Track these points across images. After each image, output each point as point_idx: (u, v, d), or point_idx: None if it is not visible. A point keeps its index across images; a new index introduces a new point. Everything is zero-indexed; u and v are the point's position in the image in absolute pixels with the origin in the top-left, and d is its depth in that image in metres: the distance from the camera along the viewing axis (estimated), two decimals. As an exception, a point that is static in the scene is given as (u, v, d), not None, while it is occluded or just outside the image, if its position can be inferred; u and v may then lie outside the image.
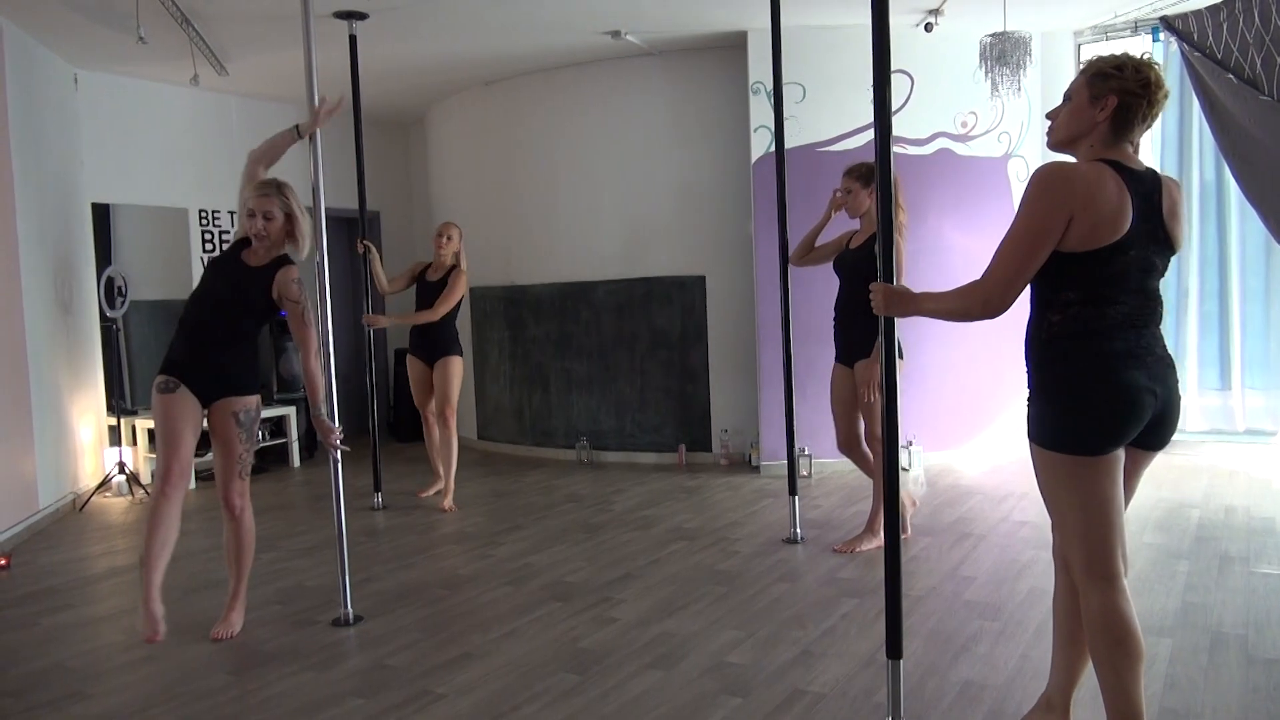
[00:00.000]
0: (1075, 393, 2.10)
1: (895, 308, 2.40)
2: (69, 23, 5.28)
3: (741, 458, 6.53)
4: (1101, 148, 2.11)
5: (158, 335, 6.96)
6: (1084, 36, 6.37)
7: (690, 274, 6.59)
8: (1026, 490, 5.35)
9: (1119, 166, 2.07)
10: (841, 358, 4.30)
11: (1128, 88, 2.06)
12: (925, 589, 3.71)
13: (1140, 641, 2.09)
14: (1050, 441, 2.13)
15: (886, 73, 2.45)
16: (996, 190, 6.25)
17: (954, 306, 2.23)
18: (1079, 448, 2.08)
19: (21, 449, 5.09)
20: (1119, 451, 2.10)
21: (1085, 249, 2.04)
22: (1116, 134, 2.10)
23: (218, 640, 3.41)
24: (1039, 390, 2.17)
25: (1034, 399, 2.19)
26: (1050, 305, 2.12)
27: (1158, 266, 2.12)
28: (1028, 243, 2.06)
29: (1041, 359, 2.16)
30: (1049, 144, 2.22)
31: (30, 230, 5.33)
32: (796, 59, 5.62)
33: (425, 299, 5.53)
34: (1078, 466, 2.09)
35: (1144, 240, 2.06)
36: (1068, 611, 2.34)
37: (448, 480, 5.55)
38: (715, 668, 3.03)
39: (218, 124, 7.18)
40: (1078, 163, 2.11)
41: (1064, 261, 2.06)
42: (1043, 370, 2.16)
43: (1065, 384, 2.11)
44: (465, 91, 7.42)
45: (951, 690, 2.79)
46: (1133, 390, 2.06)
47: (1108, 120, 2.09)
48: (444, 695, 2.89)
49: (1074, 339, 2.09)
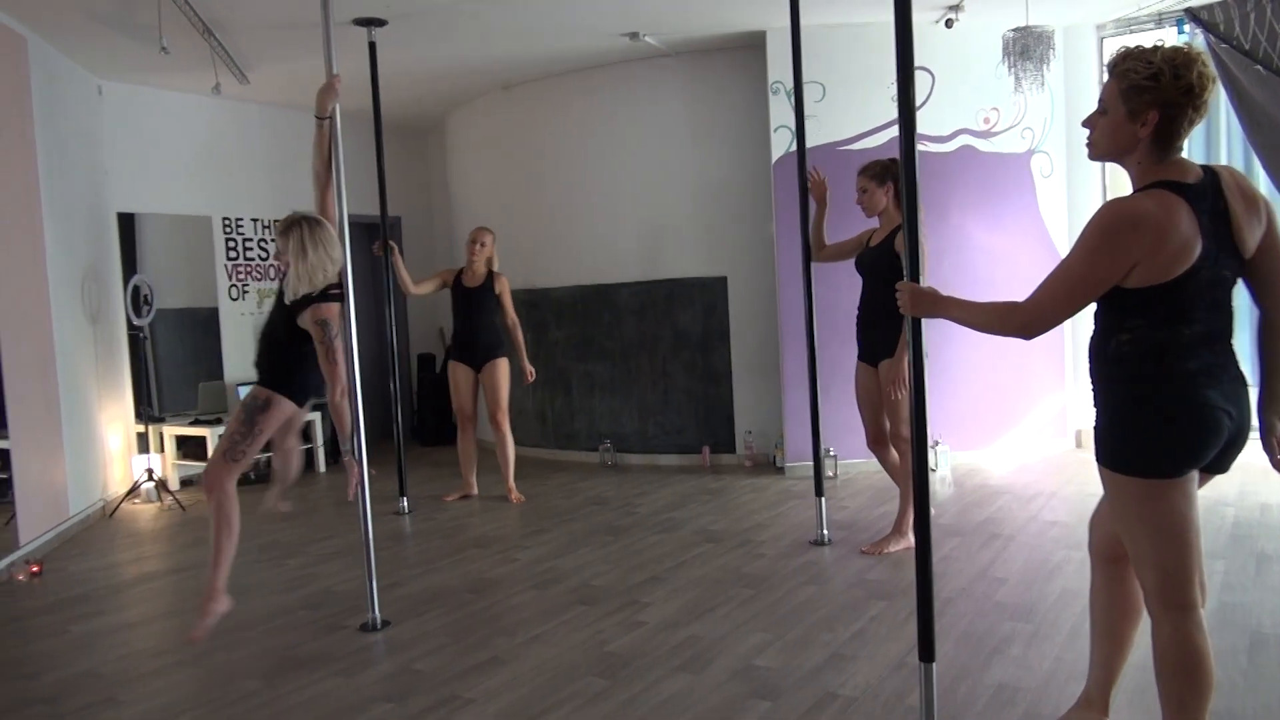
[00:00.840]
0: (1148, 413, 1.96)
1: (922, 309, 2.32)
2: (93, 34, 5.33)
3: (766, 459, 6.50)
4: (1150, 164, 1.96)
5: (183, 342, 7.02)
6: (1107, 30, 6.30)
7: (712, 275, 6.57)
8: (1056, 490, 5.29)
9: (1178, 187, 1.90)
10: (864, 356, 4.27)
11: (1168, 99, 1.90)
12: (955, 590, 3.68)
13: (1212, 675, 1.99)
14: (1122, 464, 2.00)
15: (910, 70, 2.42)
16: (1020, 187, 6.19)
17: (988, 322, 2.12)
18: (1153, 470, 1.96)
19: (52, 457, 5.14)
20: (1194, 473, 1.98)
21: (1151, 284, 1.90)
22: (1164, 147, 1.95)
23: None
24: (1107, 410, 2.04)
25: (1102, 419, 2.06)
26: (1118, 326, 1.99)
27: (1229, 279, 1.97)
28: (1083, 286, 1.95)
29: (1110, 377, 2.02)
30: (1090, 157, 2.10)
31: (58, 241, 5.38)
32: (816, 58, 5.60)
33: (465, 306, 5.61)
34: (1152, 489, 1.96)
35: (1213, 258, 1.91)
36: (1104, 606, 2.30)
37: (508, 478, 5.74)
38: (744, 671, 3.01)
39: (240, 132, 7.24)
40: (1146, 203, 1.90)
41: (1128, 294, 1.93)
42: (1111, 389, 2.02)
43: (1137, 404, 1.98)
44: (484, 96, 7.44)
45: (985, 693, 2.76)
46: (1210, 410, 1.93)
47: (1151, 135, 1.93)
48: (472, 700, 2.88)
49: (1145, 359, 1.95)
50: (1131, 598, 2.28)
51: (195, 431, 6.48)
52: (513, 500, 5.71)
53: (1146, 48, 1.96)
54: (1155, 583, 2.00)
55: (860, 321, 4.28)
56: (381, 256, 5.51)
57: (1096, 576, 2.32)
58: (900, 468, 4.26)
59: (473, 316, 5.66)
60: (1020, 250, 6.14)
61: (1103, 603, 2.30)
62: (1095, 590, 2.33)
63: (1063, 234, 6.27)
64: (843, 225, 4.67)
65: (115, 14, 5.00)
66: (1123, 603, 2.29)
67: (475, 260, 5.61)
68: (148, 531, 5.42)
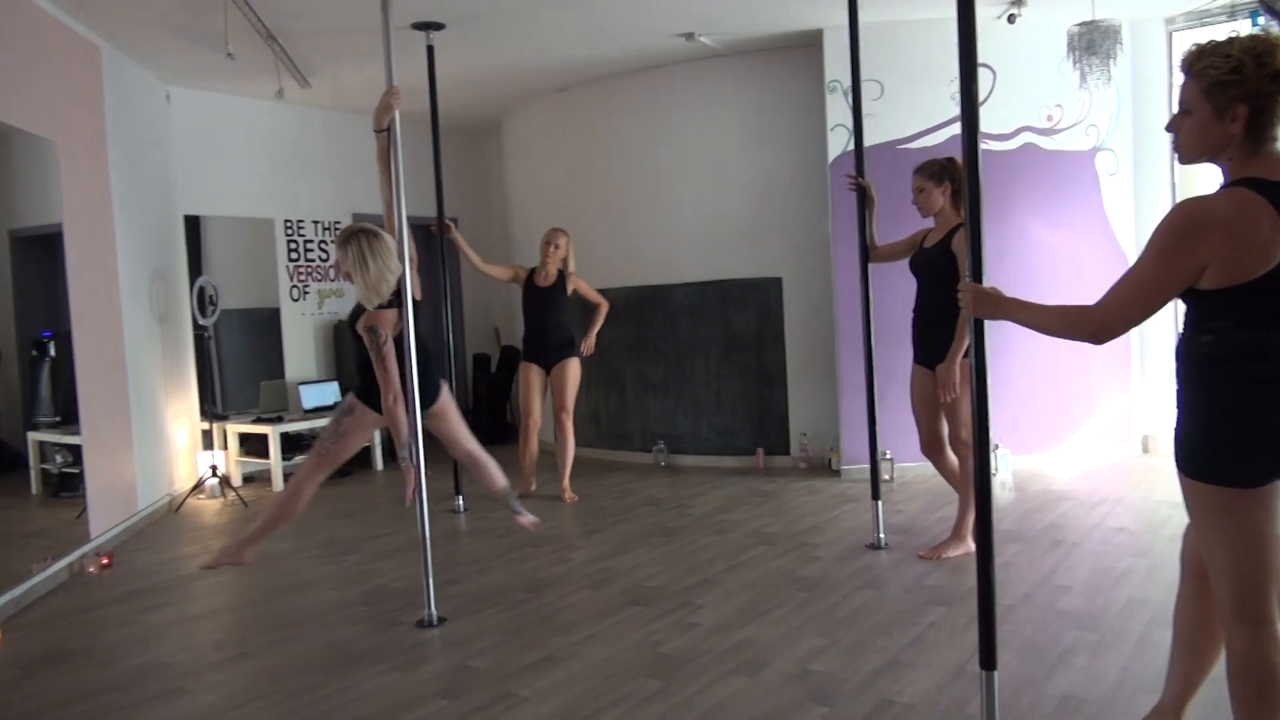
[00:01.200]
0: (1229, 419, 1.90)
1: (985, 309, 2.27)
2: (163, 42, 5.48)
3: (821, 461, 6.44)
4: (1242, 160, 1.89)
5: (246, 342, 7.18)
6: (1176, 23, 6.12)
7: (766, 276, 6.53)
8: (1121, 496, 5.16)
9: (1261, 185, 1.83)
10: (920, 358, 4.21)
11: (1255, 89, 1.83)
12: (1017, 597, 3.60)
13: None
14: (1199, 471, 1.94)
15: (973, 66, 2.38)
16: (1084, 185, 6.05)
17: (1056, 326, 2.06)
18: (1231, 479, 1.90)
19: (122, 453, 5.29)
20: (1276, 485, 1.90)
21: (1228, 285, 1.84)
22: (1256, 141, 1.87)
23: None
24: (1189, 413, 1.98)
25: (1181, 423, 2.00)
26: (1200, 327, 1.93)
27: None
28: (1154, 289, 1.89)
29: (1193, 379, 1.96)
30: (1181, 161, 2.02)
31: (128, 243, 5.54)
32: (874, 56, 5.53)
33: (537, 305, 5.71)
34: (1230, 499, 1.90)
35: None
36: (1189, 617, 2.22)
37: (564, 477, 5.81)
38: (799, 675, 2.98)
39: (301, 136, 7.38)
40: (1219, 202, 1.85)
41: (1207, 295, 1.88)
42: (1194, 391, 1.96)
43: (1218, 409, 1.92)
44: (540, 98, 7.49)
45: (1049, 703, 2.70)
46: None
47: (1243, 130, 1.86)
48: (527, 698, 2.90)
49: (1228, 362, 1.89)
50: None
51: (257, 429, 6.63)
52: (566, 500, 5.73)
53: (1221, 41, 1.89)
54: (1230, 595, 1.94)
55: (916, 323, 4.21)
56: (439, 236, 5.54)
57: (1184, 587, 2.25)
58: (960, 472, 4.18)
59: (544, 316, 5.71)
60: (1084, 251, 6.00)
61: (1187, 615, 2.23)
62: (1181, 601, 2.26)
63: (1129, 234, 6.11)
64: (900, 225, 4.61)
65: (184, 22, 5.13)
66: (1207, 618, 2.21)
67: (549, 261, 5.67)
68: (211, 526, 5.55)
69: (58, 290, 4.70)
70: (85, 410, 4.77)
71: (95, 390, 4.93)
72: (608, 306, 5.88)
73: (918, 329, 4.20)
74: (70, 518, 4.73)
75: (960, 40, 2.39)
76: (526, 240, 7.71)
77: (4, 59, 4.20)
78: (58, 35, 4.82)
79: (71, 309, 4.70)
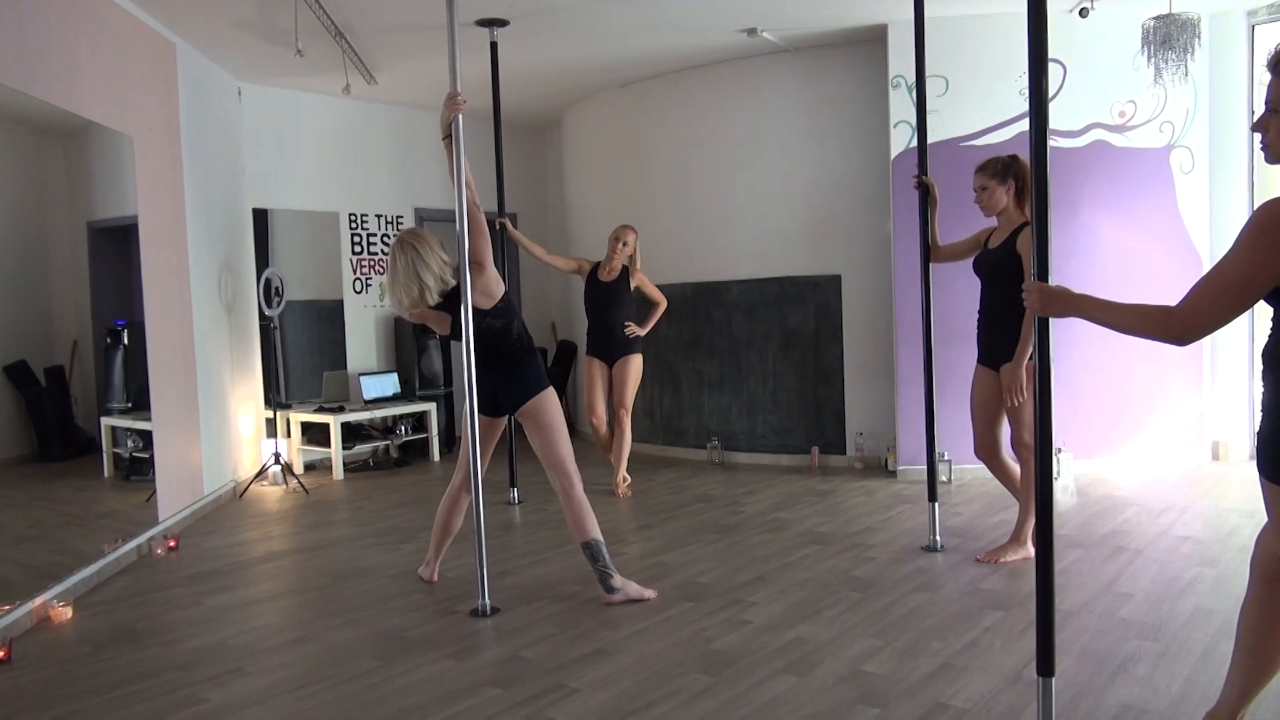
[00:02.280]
0: None
1: (1053, 308, 2.21)
2: (235, 39, 5.62)
3: (877, 462, 6.36)
4: None
5: (310, 333, 7.34)
6: (1259, 16, 5.91)
7: (825, 273, 6.47)
8: (1189, 504, 5.01)
9: None
10: (984, 359, 4.13)
11: None
12: (1077, 604, 3.52)
13: None
14: (1276, 474, 1.90)
15: (1043, 62, 2.33)
16: (1158, 183, 5.88)
17: (1135, 325, 2.00)
18: None
19: (189, 439, 5.45)
20: None
21: None
22: None
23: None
24: (1270, 417, 1.93)
25: (1265, 426, 1.95)
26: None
27: None
28: (1237, 290, 1.85)
29: (1276, 383, 1.93)
30: (1267, 160, 1.97)
31: (199, 235, 5.70)
32: (939, 51, 5.45)
33: (601, 300, 5.74)
34: None
35: None
36: (1255, 623, 2.15)
37: (619, 471, 5.82)
38: (851, 676, 2.95)
39: (367, 131, 7.51)
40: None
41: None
42: (1277, 396, 1.93)
43: None
44: (600, 94, 7.51)
45: (1107, 713, 2.63)
46: None
47: None
48: (577, 690, 2.92)
49: None
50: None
51: (319, 418, 6.77)
52: (619, 495, 5.75)
53: None
54: None
55: (981, 324, 4.13)
56: (499, 233, 5.60)
57: (1252, 592, 2.19)
58: (1021, 476, 4.10)
59: (608, 312, 5.74)
60: (1157, 251, 5.83)
61: (1253, 620, 2.17)
62: (1247, 606, 2.20)
63: (1203, 234, 5.92)
64: (964, 225, 4.53)
65: (255, 19, 5.26)
66: (1274, 625, 2.15)
67: (615, 257, 5.69)
68: (274, 513, 5.68)
69: (131, 280, 4.86)
70: (156, 397, 4.92)
71: (165, 378, 5.08)
72: (665, 305, 5.88)
73: (983, 330, 4.13)
74: (140, 501, 4.89)
75: (1030, 34, 2.34)
76: (585, 235, 7.76)
77: (86, 56, 4.35)
78: (136, 33, 4.97)
79: (144, 299, 4.86)
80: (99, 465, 4.72)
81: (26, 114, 4.05)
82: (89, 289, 4.57)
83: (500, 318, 3.71)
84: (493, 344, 3.72)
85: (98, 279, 4.65)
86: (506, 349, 3.74)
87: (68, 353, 4.38)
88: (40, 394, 4.21)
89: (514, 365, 3.76)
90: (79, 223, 4.58)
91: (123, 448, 4.89)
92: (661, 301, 5.84)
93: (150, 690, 3.02)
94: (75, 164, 4.55)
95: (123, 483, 4.93)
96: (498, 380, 3.77)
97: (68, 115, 4.21)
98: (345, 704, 2.87)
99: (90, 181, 4.73)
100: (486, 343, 3.71)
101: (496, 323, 3.70)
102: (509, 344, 3.74)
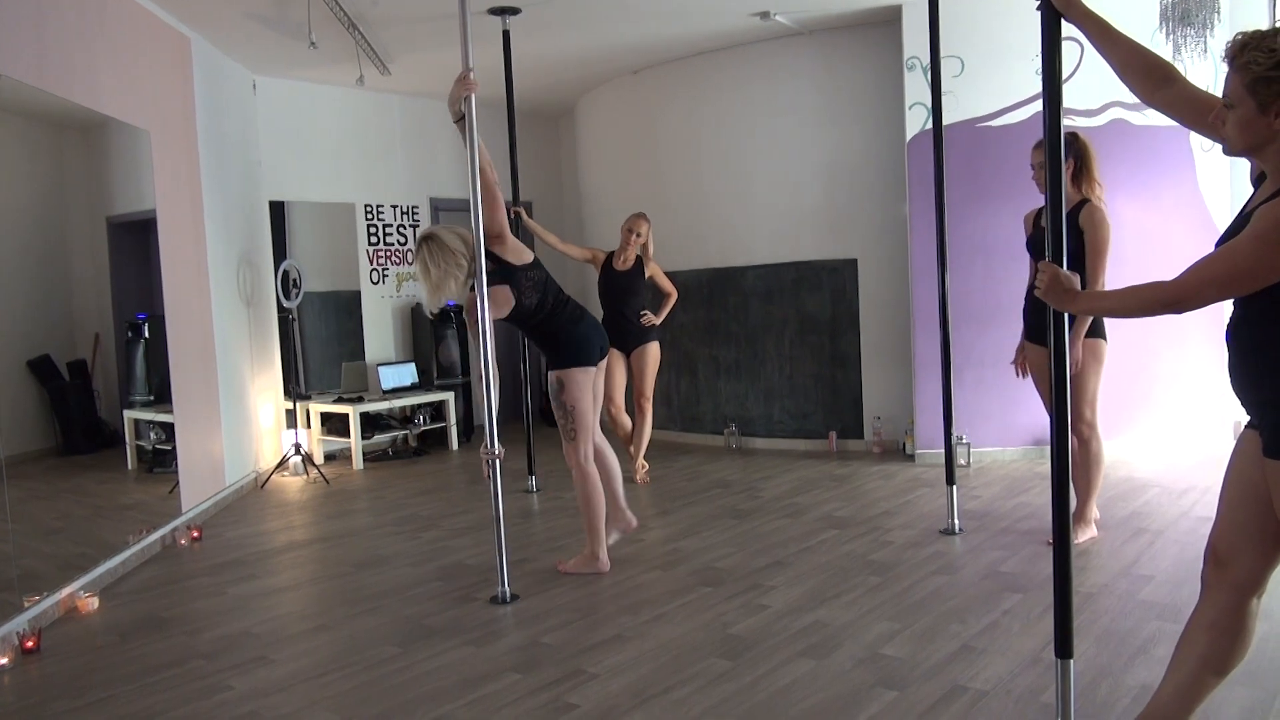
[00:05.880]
0: None
1: (1053, 297, 2.21)
2: (249, 32, 5.64)
3: (895, 446, 6.35)
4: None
5: (328, 324, 7.39)
6: (1279, -10, 5.82)
7: (842, 257, 6.44)
8: (1210, 485, 4.97)
9: None
10: (1034, 336, 4.06)
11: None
12: (1096, 586, 3.51)
13: None
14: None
15: (1057, 40, 2.31)
16: (1178, 162, 5.81)
17: (1133, 307, 2.02)
18: None
19: (210, 431, 5.51)
20: None
21: None
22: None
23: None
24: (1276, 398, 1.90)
25: (1274, 407, 1.94)
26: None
27: None
28: (1246, 279, 1.84)
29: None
30: (1225, 152, 1.96)
31: (216, 228, 5.74)
32: (954, 31, 5.39)
33: (616, 289, 5.73)
34: None
35: None
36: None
37: (637, 457, 5.83)
38: (870, 659, 2.96)
39: (381, 122, 7.53)
40: None
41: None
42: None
43: None
44: (613, 81, 7.49)
45: (1127, 694, 2.63)
46: None
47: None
48: (597, 675, 2.94)
49: None
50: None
51: (338, 409, 6.82)
52: (638, 481, 5.77)
53: (1266, 33, 1.81)
54: None
55: (1031, 300, 4.09)
56: (514, 221, 5.62)
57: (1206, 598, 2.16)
58: (1080, 453, 4.04)
59: (623, 301, 5.72)
60: (1177, 231, 5.77)
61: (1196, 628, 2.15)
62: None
63: (1224, 213, 5.85)
64: (982, 205, 4.51)
65: (269, 12, 5.28)
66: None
67: (629, 246, 5.69)
68: (295, 503, 5.74)
69: (151, 274, 4.90)
70: (177, 389, 4.97)
71: (186, 370, 5.13)
72: (676, 298, 5.83)
73: (1034, 307, 4.09)
74: (163, 492, 4.95)
75: (1043, 12, 2.33)
76: (600, 223, 7.75)
77: (103, 52, 4.38)
78: (151, 28, 5.00)
79: (164, 292, 4.91)
80: (123, 458, 4.78)
81: (45, 110, 4.08)
82: (110, 283, 4.62)
83: (541, 269, 3.88)
84: (557, 290, 3.92)
85: (118, 273, 4.69)
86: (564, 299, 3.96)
87: (90, 347, 4.43)
88: (64, 388, 4.26)
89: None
90: (98, 218, 4.63)
91: (145, 440, 4.95)
92: (672, 293, 5.80)
93: (176, 678, 3.06)
94: (94, 159, 4.59)
95: (146, 475, 4.99)
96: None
97: (86, 111, 4.24)
98: (367, 690, 2.91)
99: (109, 176, 4.77)
100: (555, 289, 3.90)
101: (543, 273, 3.87)
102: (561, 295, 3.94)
